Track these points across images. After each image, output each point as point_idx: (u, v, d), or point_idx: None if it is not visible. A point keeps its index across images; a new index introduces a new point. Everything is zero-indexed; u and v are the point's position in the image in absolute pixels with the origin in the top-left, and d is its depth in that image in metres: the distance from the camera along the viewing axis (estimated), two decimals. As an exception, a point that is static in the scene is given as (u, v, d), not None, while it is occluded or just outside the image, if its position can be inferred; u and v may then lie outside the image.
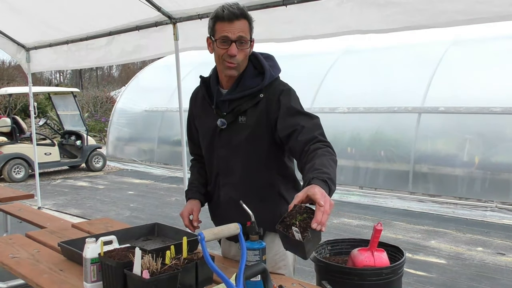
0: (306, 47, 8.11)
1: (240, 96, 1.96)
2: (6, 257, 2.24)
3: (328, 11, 3.19)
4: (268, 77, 1.96)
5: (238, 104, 1.97)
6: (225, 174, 2.08)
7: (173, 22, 4.22)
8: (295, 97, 1.97)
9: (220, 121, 1.99)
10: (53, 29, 5.18)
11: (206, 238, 1.43)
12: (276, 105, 1.93)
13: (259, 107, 1.95)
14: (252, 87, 1.95)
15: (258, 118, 1.95)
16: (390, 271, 2.00)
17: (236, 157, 2.01)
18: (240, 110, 1.96)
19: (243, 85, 1.96)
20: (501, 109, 6.96)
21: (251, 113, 1.96)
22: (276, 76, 2.02)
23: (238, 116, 1.97)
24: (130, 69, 35.56)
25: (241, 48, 1.90)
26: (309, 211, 1.52)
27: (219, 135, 2.03)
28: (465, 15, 2.70)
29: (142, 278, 1.59)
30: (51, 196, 8.31)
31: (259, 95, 1.95)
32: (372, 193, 7.73)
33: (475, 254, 4.95)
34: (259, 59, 2.01)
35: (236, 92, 1.97)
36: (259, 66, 1.99)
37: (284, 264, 2.13)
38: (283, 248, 2.01)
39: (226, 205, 2.10)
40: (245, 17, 1.90)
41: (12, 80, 24.73)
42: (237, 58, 1.90)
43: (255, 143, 1.97)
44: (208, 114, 2.07)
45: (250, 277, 1.44)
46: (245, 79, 1.97)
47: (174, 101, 11.42)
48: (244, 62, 1.95)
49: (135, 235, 2.45)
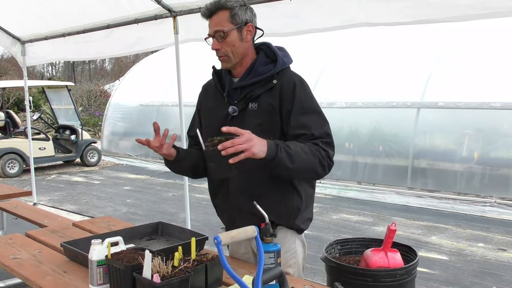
0: (304, 40, 8.02)
1: (252, 83, 1.97)
2: (7, 258, 2.17)
3: (334, 4, 3.12)
4: (280, 63, 1.97)
5: (250, 90, 1.97)
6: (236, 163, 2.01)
7: (173, 15, 4.13)
8: (308, 92, 1.98)
9: (232, 108, 1.99)
10: (49, 21, 5.08)
11: (223, 242, 1.37)
12: (291, 95, 1.93)
13: (273, 93, 1.95)
14: (264, 73, 1.96)
15: (272, 103, 1.94)
16: (404, 272, 1.96)
17: None
18: (252, 96, 1.96)
19: (255, 71, 1.98)
20: (501, 104, 6.94)
21: (264, 99, 1.95)
22: (289, 64, 2.03)
23: (249, 102, 1.97)
24: (123, 63, 35.31)
25: (222, 41, 1.93)
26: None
27: (230, 123, 1.97)
28: (476, 9, 2.64)
29: (153, 282, 1.52)
30: (46, 191, 8.21)
31: (273, 81, 1.96)
32: (370, 189, 7.70)
33: (476, 250, 4.93)
34: (272, 48, 2.02)
35: (248, 78, 1.98)
36: (272, 54, 2.01)
37: (294, 262, 2.09)
38: (295, 245, 1.98)
39: (237, 197, 2.02)
40: (222, 8, 1.92)
41: (4, 73, 24.46)
42: (222, 51, 1.94)
43: (267, 129, 1.93)
44: (219, 103, 2.06)
45: (268, 281, 1.38)
46: (257, 66, 1.99)
47: (169, 95, 11.33)
48: (236, 51, 1.95)
49: (139, 235, 2.39)
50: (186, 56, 8.63)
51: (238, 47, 1.95)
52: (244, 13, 1.94)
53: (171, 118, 11.11)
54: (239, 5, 1.94)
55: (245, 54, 1.99)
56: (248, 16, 1.96)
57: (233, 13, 1.92)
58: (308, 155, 1.82)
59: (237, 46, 1.95)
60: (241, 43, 1.95)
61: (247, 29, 1.95)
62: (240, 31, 1.94)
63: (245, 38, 1.96)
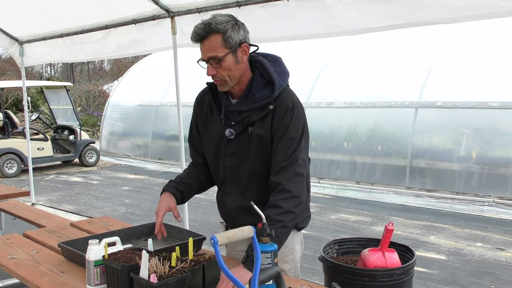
0: (302, 41, 8.03)
1: (251, 108, 1.92)
2: (5, 258, 2.17)
3: (327, 8, 3.09)
4: (277, 88, 1.90)
5: (247, 115, 1.93)
6: (232, 183, 2.05)
7: (171, 15, 4.13)
8: (296, 120, 1.91)
9: (229, 131, 1.96)
10: (47, 21, 5.07)
11: (220, 242, 1.37)
12: (280, 122, 1.90)
13: (266, 118, 1.92)
14: (262, 99, 1.90)
15: (265, 128, 1.92)
16: (401, 272, 1.96)
17: (244, 166, 1.99)
18: (250, 121, 1.93)
19: (253, 97, 1.92)
20: (498, 104, 6.94)
21: (258, 124, 1.93)
22: (285, 84, 1.97)
23: (248, 127, 1.94)
24: (122, 63, 35.25)
25: (217, 67, 1.85)
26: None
27: (226, 145, 2.00)
28: (472, 10, 2.63)
29: (150, 282, 1.53)
30: (45, 192, 8.21)
31: (269, 106, 1.91)
32: (369, 188, 7.71)
33: (474, 250, 4.94)
34: (266, 68, 1.93)
35: (247, 104, 1.93)
36: (267, 74, 1.93)
37: (292, 259, 2.10)
38: (293, 242, 2.05)
39: (233, 212, 2.08)
40: (213, 32, 1.81)
41: (3, 73, 24.44)
42: (218, 75, 1.87)
43: (262, 152, 1.94)
44: (215, 121, 2.03)
45: (265, 282, 1.39)
46: (254, 91, 1.92)
47: (168, 96, 11.33)
48: (233, 75, 1.88)
49: (137, 235, 2.39)
50: (184, 56, 8.64)
51: (234, 70, 1.87)
52: (237, 34, 1.84)
53: (170, 118, 11.12)
54: (231, 26, 1.83)
55: (242, 75, 1.92)
56: (241, 36, 1.86)
57: (226, 36, 1.81)
58: (285, 233, 1.86)
59: (233, 69, 1.87)
60: (237, 65, 1.87)
61: (241, 50, 1.87)
62: (235, 53, 1.85)
63: (240, 59, 1.88)
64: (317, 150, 8.24)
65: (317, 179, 8.12)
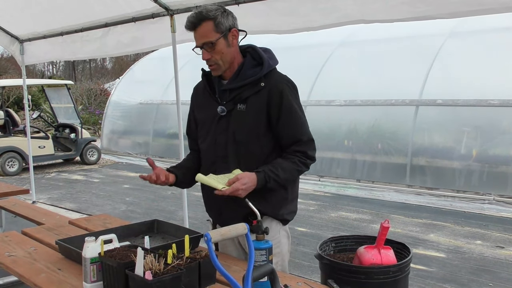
0: (302, 39, 8.03)
1: (240, 85, 2.05)
2: (2, 255, 2.18)
3: (330, 1, 3.12)
4: (266, 66, 2.05)
5: (238, 92, 2.06)
6: (222, 161, 2.10)
7: (170, 13, 4.13)
8: (294, 98, 2.08)
9: (220, 108, 2.08)
10: (48, 19, 5.08)
11: (213, 239, 1.38)
12: (278, 101, 2.03)
13: (260, 95, 2.04)
14: (252, 76, 2.04)
15: (259, 106, 2.04)
16: (397, 269, 1.96)
17: (234, 144, 2.07)
18: (241, 98, 2.05)
19: (243, 74, 2.06)
20: (499, 102, 6.94)
21: (252, 101, 2.05)
22: (274, 66, 2.10)
23: (237, 103, 2.06)
24: (124, 61, 35.28)
25: (211, 51, 2.01)
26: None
27: (217, 122, 2.11)
28: (470, 6, 2.65)
29: (145, 279, 1.53)
30: (46, 190, 8.23)
31: (260, 83, 2.04)
32: (369, 186, 7.71)
33: (474, 248, 4.94)
34: (257, 51, 2.10)
35: (236, 81, 2.06)
36: (258, 57, 2.08)
37: (278, 252, 2.12)
38: (279, 235, 2.13)
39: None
40: (205, 19, 1.98)
41: (4, 72, 24.47)
42: (212, 59, 2.03)
43: (253, 130, 2.05)
44: (209, 103, 2.15)
45: (258, 279, 1.39)
46: (244, 69, 2.06)
47: (169, 94, 11.33)
48: (225, 58, 2.04)
49: (134, 232, 2.40)
50: (183, 54, 8.64)
51: (226, 53, 2.03)
52: (226, 20, 2.01)
53: (171, 116, 11.13)
54: (220, 13, 2.00)
55: (233, 59, 2.07)
56: (230, 21, 2.02)
57: (216, 22, 1.98)
58: (291, 172, 2.05)
59: (226, 52, 2.03)
60: (229, 49, 2.04)
61: (232, 35, 2.03)
62: (226, 37, 2.02)
63: (231, 43, 2.04)
64: (318, 148, 8.08)
65: (317, 177, 8.12)
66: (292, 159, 2.05)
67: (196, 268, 1.73)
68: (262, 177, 1.95)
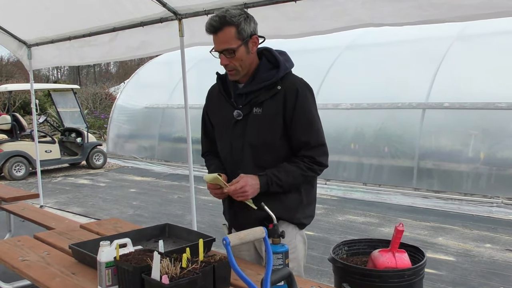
0: (308, 42, 8.04)
1: (257, 89, 2.02)
2: (16, 260, 2.19)
3: (339, 5, 3.12)
4: (282, 69, 2.02)
5: (254, 96, 2.03)
6: (239, 165, 2.08)
7: (179, 18, 4.14)
8: (309, 101, 2.06)
9: (236, 112, 2.06)
10: (55, 24, 5.10)
11: (232, 243, 1.38)
12: (293, 104, 2.00)
13: (277, 99, 2.01)
14: (268, 79, 2.01)
15: (275, 109, 2.01)
16: (412, 273, 1.95)
17: (250, 148, 2.05)
18: (257, 102, 2.02)
19: (259, 78, 2.03)
20: (506, 105, 6.91)
21: (268, 104, 2.02)
22: (290, 69, 2.08)
23: (253, 107, 2.03)
24: (128, 66, 35.42)
25: (230, 57, 1.97)
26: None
27: (234, 126, 2.08)
28: (481, 9, 2.64)
29: (162, 283, 1.53)
30: (53, 194, 8.25)
31: (276, 87, 2.01)
32: (376, 190, 7.69)
33: (483, 251, 4.91)
34: (273, 53, 2.07)
35: (252, 85, 2.04)
36: (274, 59, 2.06)
37: (294, 257, 2.10)
38: (295, 240, 2.09)
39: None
40: (228, 24, 1.93)
41: (11, 76, 24.59)
42: (230, 65, 1.99)
43: (270, 134, 2.02)
44: (225, 107, 2.12)
45: (277, 282, 1.39)
46: (260, 73, 2.04)
47: (174, 98, 11.36)
48: (244, 64, 2.00)
49: (146, 236, 2.40)
50: (189, 58, 8.67)
51: (245, 60, 2.00)
52: (248, 26, 1.96)
53: (176, 120, 11.16)
54: (243, 19, 1.95)
55: (251, 64, 2.04)
56: (252, 28, 1.98)
57: (239, 29, 1.94)
58: (295, 176, 2.02)
59: (245, 59, 2.00)
60: (248, 55, 2.00)
61: (252, 42, 2.00)
62: (247, 45, 1.98)
63: (251, 50, 2.01)
64: (324, 151, 8.21)
65: (324, 180, 8.11)
66: (297, 164, 2.02)
67: (211, 272, 1.73)
68: (264, 181, 1.95)
